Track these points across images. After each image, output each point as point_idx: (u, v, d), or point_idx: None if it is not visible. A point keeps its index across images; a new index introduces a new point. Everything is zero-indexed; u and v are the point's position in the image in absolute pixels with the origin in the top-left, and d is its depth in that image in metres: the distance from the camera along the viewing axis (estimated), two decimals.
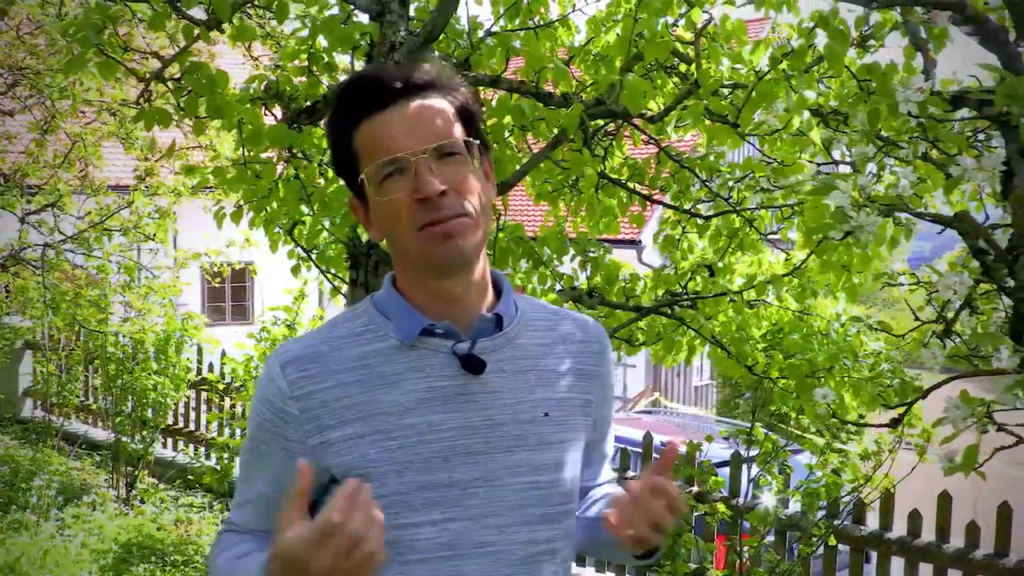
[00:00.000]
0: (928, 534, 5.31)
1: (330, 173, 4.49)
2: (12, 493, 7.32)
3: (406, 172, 1.46)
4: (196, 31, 3.53)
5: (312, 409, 1.48)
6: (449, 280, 1.52)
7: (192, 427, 8.83)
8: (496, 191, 1.68)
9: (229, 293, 16.85)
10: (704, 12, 3.28)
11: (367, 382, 1.49)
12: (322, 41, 4.00)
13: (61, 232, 7.43)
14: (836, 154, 3.70)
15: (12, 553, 5.96)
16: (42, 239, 7.41)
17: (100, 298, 7.57)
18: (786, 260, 4.50)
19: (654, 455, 6.23)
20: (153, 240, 7.47)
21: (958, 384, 2.77)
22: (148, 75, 3.70)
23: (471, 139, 1.52)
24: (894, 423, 2.64)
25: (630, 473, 6.27)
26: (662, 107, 3.70)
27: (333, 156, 1.59)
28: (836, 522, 5.25)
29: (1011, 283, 2.80)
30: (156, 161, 7.52)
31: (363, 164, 1.51)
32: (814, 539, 5.08)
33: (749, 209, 4.18)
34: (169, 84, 3.66)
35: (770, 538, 5.42)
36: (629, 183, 4.41)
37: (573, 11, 4.27)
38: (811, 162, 3.50)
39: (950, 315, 3.09)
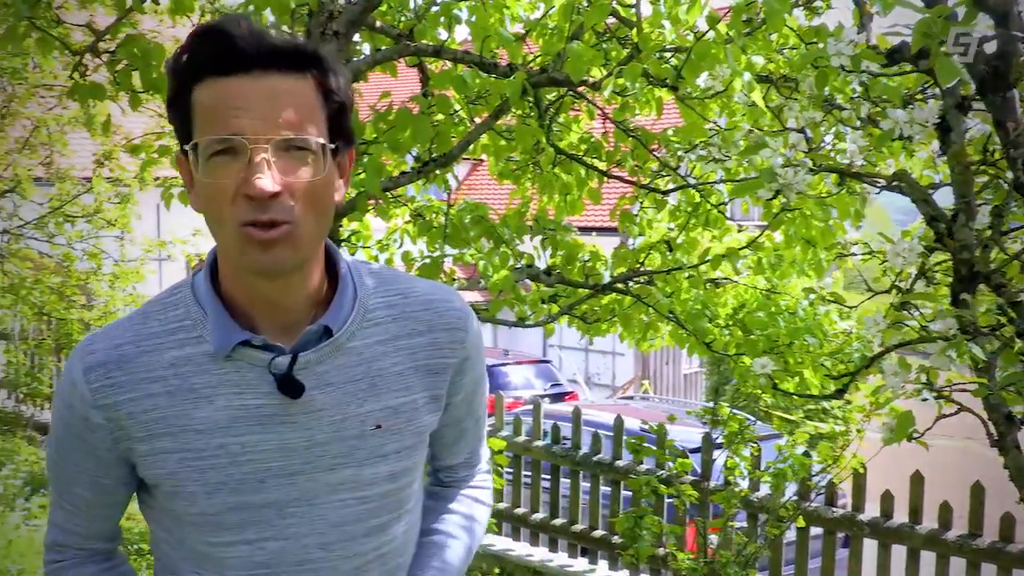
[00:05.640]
0: (900, 515, 5.24)
1: None
2: None
3: (239, 157, 1.26)
4: (129, 2, 3.44)
5: (118, 419, 1.36)
6: (269, 283, 1.36)
7: None
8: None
9: None
10: None
11: (177, 394, 1.36)
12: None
13: (20, 218, 7.30)
14: (792, 122, 3.61)
15: None
16: (1, 225, 7.30)
17: (64, 285, 7.43)
18: (748, 236, 4.41)
19: (624, 438, 6.15)
20: (114, 226, 7.34)
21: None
22: (81, 48, 3.59)
23: (327, 139, 1.32)
24: (838, 394, 2.55)
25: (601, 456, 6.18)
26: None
27: (169, 97, 1.34)
28: (806, 504, 5.16)
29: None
30: (112, 145, 7.41)
31: (195, 127, 1.29)
32: (782, 521, 5.00)
33: (709, 184, 4.09)
34: (103, 57, 3.56)
35: (743, 523, 5.34)
36: (586, 159, 4.32)
37: None
38: (758, 130, 3.40)
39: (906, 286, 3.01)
